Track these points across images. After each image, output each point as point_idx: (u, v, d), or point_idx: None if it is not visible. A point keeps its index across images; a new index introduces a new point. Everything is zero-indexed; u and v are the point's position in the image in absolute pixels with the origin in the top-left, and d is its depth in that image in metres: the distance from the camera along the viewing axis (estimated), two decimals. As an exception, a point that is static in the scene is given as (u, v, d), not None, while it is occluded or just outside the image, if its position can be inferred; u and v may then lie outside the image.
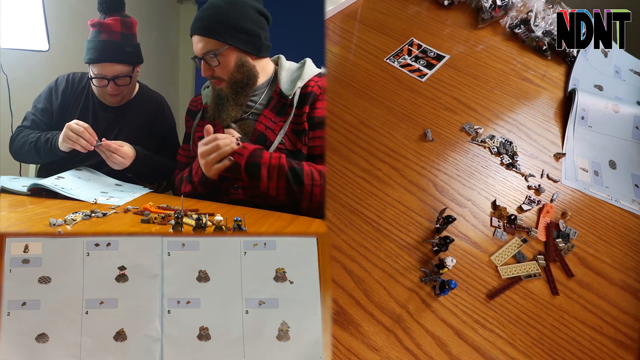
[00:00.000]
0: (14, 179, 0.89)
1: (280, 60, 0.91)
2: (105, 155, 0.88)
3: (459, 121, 1.01)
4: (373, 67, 1.12)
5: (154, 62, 0.92)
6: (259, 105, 0.88)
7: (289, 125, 0.85)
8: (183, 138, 0.98)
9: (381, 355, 0.69)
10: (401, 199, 0.87)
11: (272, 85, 0.90)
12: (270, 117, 0.86)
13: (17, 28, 0.95)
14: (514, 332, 0.72)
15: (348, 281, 0.76)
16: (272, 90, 0.89)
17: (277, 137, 0.84)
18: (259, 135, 0.86)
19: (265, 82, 0.89)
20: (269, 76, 0.90)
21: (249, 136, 0.87)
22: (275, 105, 0.87)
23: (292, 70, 0.89)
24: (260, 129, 0.86)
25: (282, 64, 0.90)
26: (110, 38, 0.90)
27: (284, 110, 0.86)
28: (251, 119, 0.88)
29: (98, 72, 0.91)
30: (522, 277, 0.77)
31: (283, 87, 0.87)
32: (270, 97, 0.88)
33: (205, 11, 0.84)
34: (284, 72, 0.89)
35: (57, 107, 0.94)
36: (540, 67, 1.15)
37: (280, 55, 0.92)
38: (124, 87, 0.93)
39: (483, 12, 1.23)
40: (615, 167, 0.94)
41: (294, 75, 0.88)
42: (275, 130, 0.85)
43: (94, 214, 0.74)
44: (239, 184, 0.85)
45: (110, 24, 0.90)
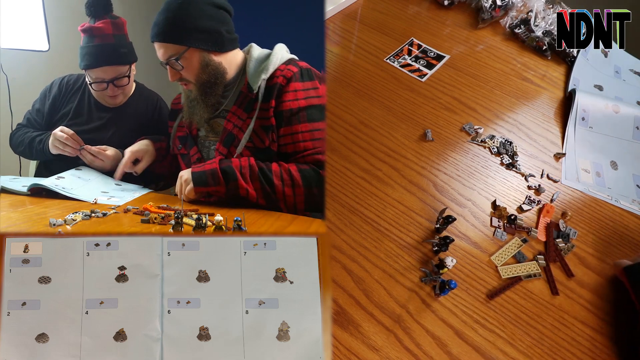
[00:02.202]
0: (14, 179, 0.89)
1: (250, 50, 0.87)
2: (87, 160, 0.90)
3: (459, 121, 1.01)
4: (373, 67, 1.12)
5: (149, 61, 0.92)
6: (228, 102, 0.86)
7: (255, 122, 0.82)
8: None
9: (381, 355, 0.69)
10: (401, 199, 0.87)
11: (242, 79, 0.86)
12: (238, 114, 0.84)
13: (17, 28, 0.94)
14: (514, 332, 0.72)
15: (348, 281, 0.76)
16: (241, 84, 0.86)
17: (244, 135, 0.82)
18: (228, 134, 0.84)
19: (234, 76, 0.86)
20: (238, 69, 0.87)
21: (218, 135, 0.85)
22: (243, 101, 0.84)
23: (259, 61, 0.85)
24: (228, 127, 0.84)
25: (251, 54, 0.86)
26: (103, 42, 0.90)
27: (251, 105, 0.83)
28: (221, 116, 0.86)
29: (96, 77, 0.91)
30: (522, 277, 0.77)
31: (250, 80, 0.84)
32: (239, 92, 0.86)
33: (160, 16, 0.82)
34: (252, 63, 0.85)
35: (47, 109, 0.95)
36: (540, 67, 1.15)
37: (252, 44, 0.88)
38: (123, 88, 0.94)
39: (483, 12, 1.23)
40: (616, 168, 0.94)
41: (261, 66, 0.84)
42: (243, 129, 0.83)
43: (94, 214, 0.74)
44: (218, 196, 0.82)
45: (101, 27, 0.90)
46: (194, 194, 0.82)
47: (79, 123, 0.93)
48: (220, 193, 0.81)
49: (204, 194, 0.82)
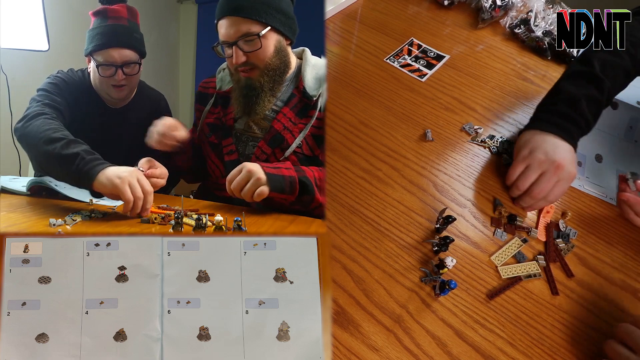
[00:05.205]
0: (14, 179, 0.89)
1: (305, 54, 0.82)
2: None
3: (459, 121, 1.01)
4: (373, 67, 1.12)
5: (154, 62, 0.92)
6: (278, 102, 0.80)
7: (309, 129, 0.77)
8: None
9: (381, 355, 0.69)
10: (401, 199, 0.87)
11: (295, 80, 0.81)
12: (290, 116, 0.79)
13: (17, 28, 0.94)
14: (514, 332, 0.72)
15: (348, 281, 0.76)
16: (294, 86, 0.81)
17: (295, 140, 0.77)
18: (276, 135, 0.79)
19: (291, 76, 0.81)
20: (294, 69, 0.82)
21: (263, 133, 0.80)
22: (297, 105, 0.79)
23: (318, 67, 0.81)
24: (278, 127, 0.79)
25: (306, 59, 0.81)
26: (118, 22, 0.85)
27: (305, 111, 0.79)
28: (268, 114, 0.80)
29: (105, 59, 0.84)
30: (522, 277, 0.77)
31: (307, 85, 0.79)
32: (291, 94, 0.80)
33: None
34: (309, 68, 0.80)
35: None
36: (540, 67, 1.15)
37: (305, 48, 0.83)
38: (131, 78, 0.88)
39: (483, 12, 1.23)
40: (600, 161, 0.94)
41: (320, 72, 0.80)
42: (294, 132, 0.78)
43: (93, 214, 0.74)
44: (281, 203, 0.74)
45: (117, 9, 0.86)
46: (263, 197, 0.72)
47: (85, 124, 0.90)
48: (286, 202, 0.74)
49: (272, 198, 0.73)
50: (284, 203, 0.74)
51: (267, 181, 0.71)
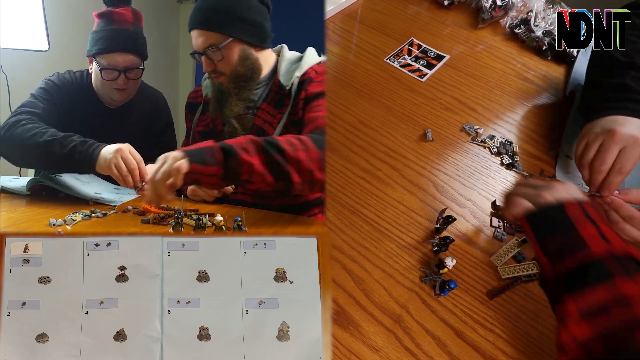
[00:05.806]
0: (14, 179, 0.89)
1: (282, 50, 0.87)
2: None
3: (459, 121, 1.01)
4: (373, 67, 1.12)
5: (154, 62, 0.92)
6: (260, 100, 0.85)
7: (287, 117, 0.81)
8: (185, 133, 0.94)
9: (381, 355, 0.69)
10: (401, 199, 0.87)
11: (273, 78, 0.86)
12: (268, 110, 0.83)
13: (17, 28, 0.94)
14: (514, 332, 0.72)
15: (348, 281, 0.76)
16: (272, 82, 0.86)
17: (275, 130, 0.81)
18: (257, 131, 0.82)
19: (267, 75, 0.86)
20: (271, 68, 0.86)
21: (247, 132, 0.83)
22: (274, 98, 0.84)
23: (292, 61, 0.85)
24: (258, 123, 0.83)
25: (283, 55, 0.86)
26: (122, 27, 0.86)
27: (282, 102, 0.82)
28: (250, 114, 0.85)
29: (109, 63, 0.85)
30: (522, 277, 0.77)
31: (281, 78, 0.83)
32: (269, 89, 0.85)
33: (204, 2, 0.79)
34: (284, 63, 0.85)
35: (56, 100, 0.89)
36: (540, 67, 1.15)
37: (283, 45, 0.88)
38: (133, 82, 0.89)
39: (483, 12, 1.23)
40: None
41: (294, 66, 0.84)
42: (273, 124, 0.82)
43: (94, 214, 0.74)
44: (212, 182, 0.70)
45: (122, 12, 0.87)
46: (185, 175, 0.67)
47: (84, 124, 0.90)
48: (217, 177, 0.69)
49: (196, 177, 0.69)
50: (215, 182, 0.70)
51: (185, 156, 0.68)
